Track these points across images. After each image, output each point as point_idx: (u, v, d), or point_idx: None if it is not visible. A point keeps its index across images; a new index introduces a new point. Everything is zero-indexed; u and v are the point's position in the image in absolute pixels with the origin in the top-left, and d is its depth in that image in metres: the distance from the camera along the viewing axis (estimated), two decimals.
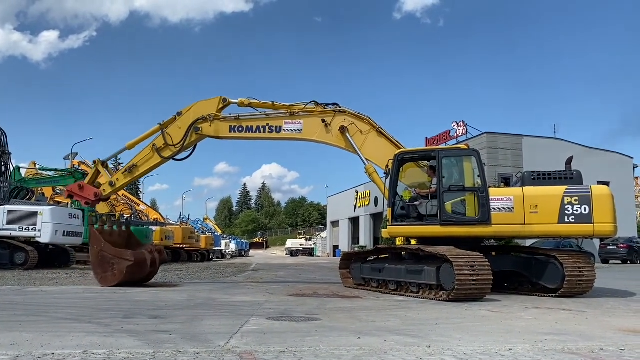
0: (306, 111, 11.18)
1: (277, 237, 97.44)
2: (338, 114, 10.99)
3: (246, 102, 11.42)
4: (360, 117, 10.92)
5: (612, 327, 5.47)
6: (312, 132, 11.12)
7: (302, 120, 11.14)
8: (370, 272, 9.92)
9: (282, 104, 11.42)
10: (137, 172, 11.78)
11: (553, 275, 8.64)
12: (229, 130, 11.41)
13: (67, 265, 18.37)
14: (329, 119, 10.94)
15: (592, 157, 32.48)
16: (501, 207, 8.81)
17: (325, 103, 11.17)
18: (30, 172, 26.01)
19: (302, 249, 64.80)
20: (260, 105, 11.48)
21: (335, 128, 10.87)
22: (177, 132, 11.46)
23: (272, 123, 11.29)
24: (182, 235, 30.04)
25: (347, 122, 10.85)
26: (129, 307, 6.85)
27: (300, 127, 11.13)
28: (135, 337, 4.51)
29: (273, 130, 11.27)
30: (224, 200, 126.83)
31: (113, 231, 10.87)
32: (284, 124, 11.20)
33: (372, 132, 10.79)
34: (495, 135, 33.17)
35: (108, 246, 10.04)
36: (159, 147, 11.50)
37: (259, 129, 11.33)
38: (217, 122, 11.39)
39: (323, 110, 11.07)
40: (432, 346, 4.23)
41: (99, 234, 10.22)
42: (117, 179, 11.86)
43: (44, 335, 4.50)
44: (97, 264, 10.23)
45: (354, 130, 10.78)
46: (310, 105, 11.20)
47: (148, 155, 11.63)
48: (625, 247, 28.51)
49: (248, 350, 3.95)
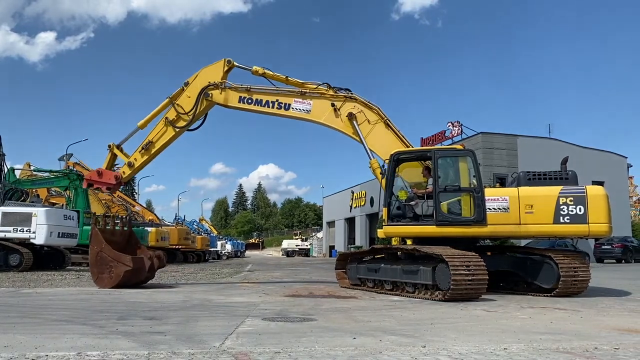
0: (317, 92, 11.10)
1: (273, 238, 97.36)
2: (349, 100, 10.89)
3: (260, 71, 11.38)
4: (370, 106, 10.79)
5: (607, 326, 5.49)
6: (320, 115, 11.02)
7: (312, 101, 11.05)
8: (366, 272, 9.93)
9: (296, 80, 11.35)
10: (154, 149, 11.62)
11: (548, 275, 8.68)
12: (238, 100, 11.38)
13: (61, 266, 18.28)
14: (338, 103, 10.86)
15: (586, 157, 32.66)
16: (497, 207, 8.83)
17: (338, 87, 11.08)
18: (25, 173, 25.89)
19: (298, 249, 64.67)
20: (274, 77, 11.42)
21: (344, 114, 10.77)
22: (187, 101, 11.44)
23: (282, 100, 11.21)
24: (178, 236, 29.96)
25: (356, 110, 10.75)
26: (124, 309, 6.82)
27: (309, 107, 11.04)
28: (129, 338, 4.49)
29: (282, 107, 11.19)
30: (219, 201, 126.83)
31: (115, 230, 10.84)
32: (293, 102, 11.12)
33: (380, 123, 10.65)
34: (491, 135, 33.25)
35: (108, 248, 9.97)
36: (172, 120, 11.45)
37: (268, 103, 11.26)
38: (228, 90, 11.39)
39: (334, 95, 10.98)
40: (427, 346, 4.23)
41: (100, 235, 10.14)
42: (134, 159, 11.68)
43: (37, 337, 4.48)
44: (94, 264, 10.19)
45: (362, 119, 10.67)
46: (322, 86, 11.12)
47: (162, 130, 11.56)
48: (620, 247, 28.67)
49: (243, 351, 3.94)
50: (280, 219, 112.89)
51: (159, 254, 10.93)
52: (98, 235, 10.14)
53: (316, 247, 67.93)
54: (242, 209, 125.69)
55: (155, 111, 11.72)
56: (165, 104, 11.62)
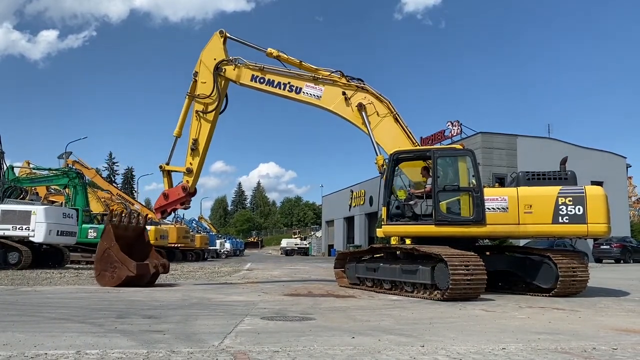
0: (330, 79, 11.06)
1: (272, 237, 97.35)
2: (360, 90, 10.84)
3: (274, 53, 11.38)
4: (381, 98, 10.72)
5: (605, 327, 5.50)
6: (331, 102, 10.98)
7: (323, 87, 11.03)
8: (365, 272, 9.93)
9: (309, 65, 11.31)
10: (200, 145, 11.53)
11: (547, 275, 8.69)
12: (251, 78, 11.41)
13: (61, 265, 18.26)
14: (350, 92, 10.83)
15: (585, 157, 32.65)
16: (496, 207, 8.83)
17: (351, 76, 11.04)
18: (24, 171, 25.86)
19: (297, 248, 64.67)
20: (288, 60, 11.41)
21: (354, 104, 10.73)
22: (205, 87, 11.49)
23: (294, 83, 11.20)
24: (177, 234, 29.97)
25: (367, 101, 10.69)
26: (123, 307, 6.83)
27: (320, 93, 11.02)
28: (128, 337, 4.50)
29: (293, 90, 11.20)
30: (219, 200, 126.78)
31: (128, 226, 10.84)
32: (304, 86, 11.12)
33: (389, 117, 10.59)
34: (490, 135, 33.24)
35: (116, 248, 9.95)
36: (201, 110, 11.46)
37: (280, 85, 11.27)
38: (242, 68, 11.45)
39: (346, 83, 10.93)
40: (425, 345, 4.24)
41: (111, 232, 10.08)
42: (190, 164, 11.58)
43: (37, 336, 4.48)
44: (100, 259, 10.18)
45: (372, 111, 10.61)
46: (335, 74, 11.08)
47: (198, 125, 11.52)
48: (619, 247, 28.67)
49: (242, 350, 3.95)
50: (279, 218, 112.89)
51: (164, 263, 10.88)
52: (110, 232, 10.10)
53: (315, 246, 67.92)
54: (242, 207, 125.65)
55: (182, 114, 11.71)
56: (188, 103, 11.64)
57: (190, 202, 11.95)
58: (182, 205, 11.89)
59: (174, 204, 11.77)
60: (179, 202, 11.72)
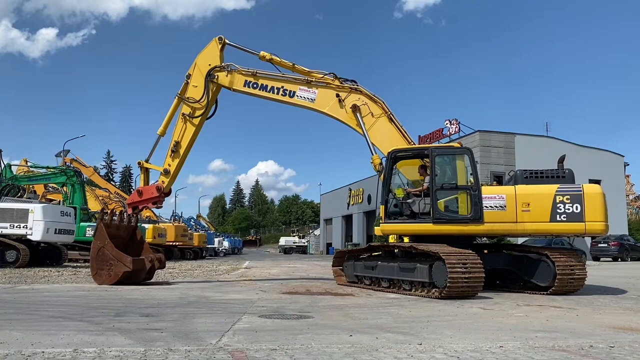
0: (323, 82, 11.07)
1: (270, 235, 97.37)
2: (354, 92, 10.85)
3: (267, 56, 11.35)
4: (375, 99, 10.74)
5: (602, 324, 5.51)
6: (325, 104, 10.98)
7: (317, 90, 11.03)
8: (363, 270, 9.94)
9: (302, 68, 11.31)
10: (182, 148, 11.49)
11: (544, 274, 8.71)
12: (244, 84, 11.36)
13: (58, 263, 18.25)
14: (343, 95, 10.82)
15: (583, 155, 32.72)
16: (493, 206, 8.84)
17: (344, 78, 11.05)
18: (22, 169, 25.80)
19: (296, 246, 64.79)
20: (281, 64, 11.40)
21: (348, 105, 10.73)
22: (195, 91, 11.42)
23: (287, 87, 11.16)
24: (175, 232, 29.96)
25: (361, 102, 10.70)
26: (121, 305, 6.82)
27: (314, 96, 11.02)
28: (126, 335, 4.49)
29: (287, 94, 11.16)
30: (217, 198, 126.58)
31: (120, 225, 10.83)
32: (298, 90, 11.09)
33: (383, 117, 10.60)
34: (488, 134, 33.28)
35: (110, 245, 9.96)
36: (188, 114, 11.41)
37: (273, 89, 11.24)
38: (234, 73, 11.37)
39: (340, 85, 10.95)
40: (423, 343, 4.25)
41: (104, 230, 10.10)
42: (168, 165, 11.52)
43: (34, 334, 4.48)
44: (95, 258, 10.18)
45: (366, 112, 10.63)
46: (328, 76, 11.08)
47: (183, 127, 11.46)
48: (616, 245, 28.76)
49: (240, 348, 3.94)
50: (277, 216, 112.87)
51: (159, 257, 10.89)
52: (102, 231, 10.10)
53: (313, 245, 68.04)
54: (240, 206, 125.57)
55: (169, 114, 11.64)
56: (176, 103, 11.55)
57: (163, 202, 11.94)
58: (154, 204, 11.96)
59: (147, 202, 11.78)
60: (152, 201, 11.75)
